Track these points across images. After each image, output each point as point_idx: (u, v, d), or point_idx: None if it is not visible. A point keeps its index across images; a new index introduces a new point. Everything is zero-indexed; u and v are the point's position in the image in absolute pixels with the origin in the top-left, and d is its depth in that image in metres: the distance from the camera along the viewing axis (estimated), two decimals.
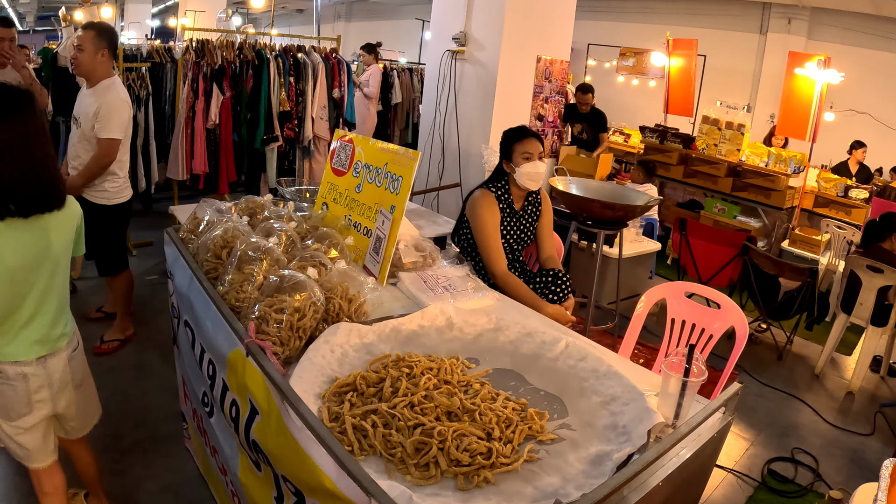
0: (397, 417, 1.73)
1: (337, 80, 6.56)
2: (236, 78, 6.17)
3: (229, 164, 6.20)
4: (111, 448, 3.66)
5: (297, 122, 6.39)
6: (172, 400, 3.99)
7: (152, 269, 6.37)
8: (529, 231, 3.99)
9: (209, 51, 6.08)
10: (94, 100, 4.16)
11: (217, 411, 2.45)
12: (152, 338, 5.00)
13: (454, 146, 6.35)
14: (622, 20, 14.60)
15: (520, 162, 3.76)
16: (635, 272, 6.20)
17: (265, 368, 1.83)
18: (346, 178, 3.08)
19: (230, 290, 2.26)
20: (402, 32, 20.47)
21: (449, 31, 6.32)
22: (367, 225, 2.88)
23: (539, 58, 6.26)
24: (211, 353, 2.34)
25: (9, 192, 2.15)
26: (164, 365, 4.57)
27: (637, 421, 1.77)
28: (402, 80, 10.17)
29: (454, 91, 6.36)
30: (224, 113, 6.04)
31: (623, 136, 11.19)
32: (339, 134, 3.21)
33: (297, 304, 2.04)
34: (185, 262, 2.66)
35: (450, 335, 2.36)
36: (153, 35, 19.75)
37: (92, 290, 5.89)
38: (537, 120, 6.51)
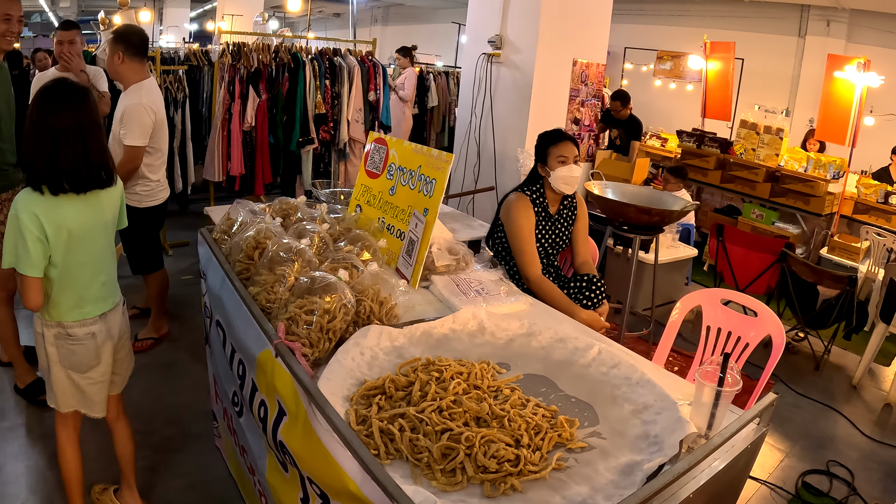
0: (425, 422, 1.72)
1: (373, 83, 6.57)
2: (272, 81, 6.21)
3: (265, 165, 6.23)
4: (142, 445, 3.66)
5: (333, 124, 6.40)
6: (204, 399, 4.01)
7: (188, 269, 6.42)
8: (564, 235, 3.97)
9: (245, 54, 6.12)
10: (122, 103, 4.23)
11: (246, 411, 2.45)
12: (186, 337, 5.05)
13: (490, 149, 6.34)
14: (659, 23, 14.49)
15: (555, 165, 3.74)
16: (671, 278, 6.14)
17: (293, 369, 1.82)
18: (379, 181, 3.08)
19: (261, 290, 2.26)
20: (438, 36, 20.48)
21: (485, 35, 6.31)
22: (400, 227, 2.87)
23: (575, 61, 6.23)
24: (241, 353, 2.34)
25: (66, 172, 2.44)
26: (196, 364, 4.59)
27: (669, 430, 1.73)
28: (439, 84, 10.17)
29: (490, 94, 6.34)
30: (260, 115, 6.07)
31: (660, 140, 11.10)
32: (374, 136, 3.21)
33: (328, 305, 2.03)
34: (217, 262, 2.66)
35: (481, 339, 2.35)
36: (191, 38, 19.93)
37: (128, 288, 5.89)
38: (573, 123, 6.47)
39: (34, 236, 2.41)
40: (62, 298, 2.60)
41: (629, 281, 4.74)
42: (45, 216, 2.43)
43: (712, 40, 10.75)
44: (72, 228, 2.52)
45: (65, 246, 2.52)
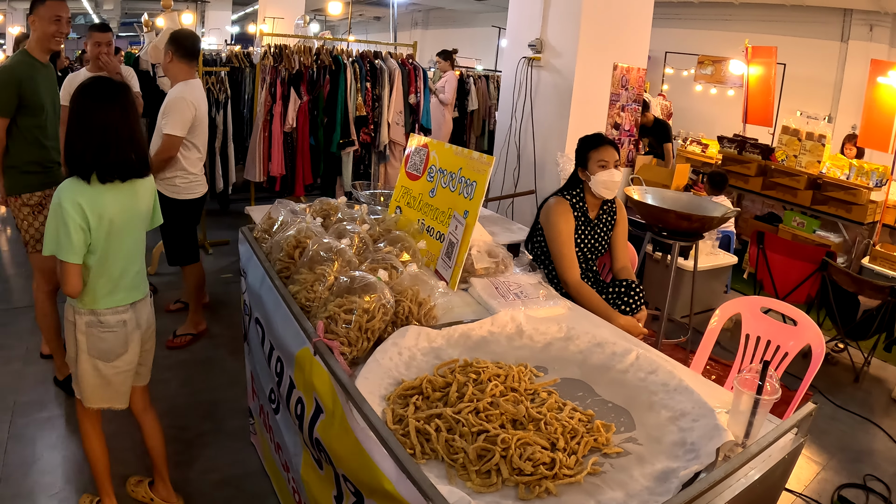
0: (461, 423, 1.72)
1: (413, 85, 6.59)
2: (313, 83, 6.24)
3: (305, 167, 6.27)
4: (177, 439, 3.74)
5: (374, 126, 6.42)
6: (240, 395, 4.05)
7: (227, 268, 6.49)
8: (604, 240, 3.96)
9: (287, 56, 6.17)
10: (167, 98, 4.43)
11: (283, 408, 2.47)
12: (224, 334, 5.11)
13: (529, 153, 6.32)
14: (700, 27, 14.36)
15: (595, 170, 3.73)
16: (710, 286, 6.09)
17: (331, 368, 1.84)
18: (420, 183, 3.09)
19: (301, 289, 2.28)
20: (478, 40, 20.49)
21: (525, 39, 6.30)
22: (439, 229, 2.88)
23: (615, 65, 6.20)
24: (279, 351, 2.36)
25: (115, 162, 2.61)
26: (233, 361, 4.64)
27: (706, 438, 1.72)
28: (479, 88, 10.16)
29: (530, 98, 6.33)
30: (301, 117, 6.11)
31: (701, 146, 11.01)
32: (415, 139, 3.22)
33: (367, 305, 2.05)
34: (257, 260, 2.69)
35: (519, 342, 2.35)
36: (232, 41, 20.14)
37: (169, 284, 6.05)
38: (613, 128, 6.44)
39: (76, 224, 2.53)
40: (98, 285, 2.70)
41: (667, 287, 4.72)
42: (88, 205, 2.55)
43: (754, 45, 10.65)
44: (113, 217, 2.64)
45: (105, 234, 2.64)
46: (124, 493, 3.22)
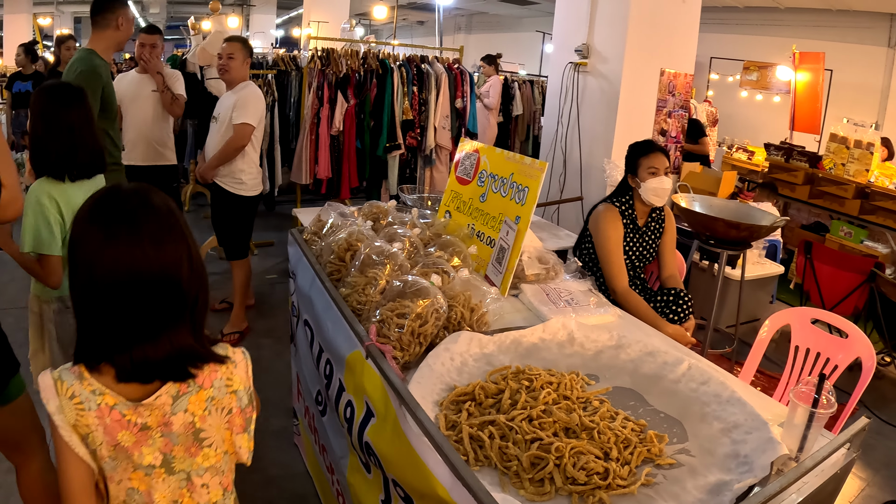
0: (515, 430, 1.71)
1: (460, 90, 6.59)
2: (360, 86, 6.26)
3: (352, 170, 6.30)
4: None
5: (420, 130, 6.43)
6: (284, 396, 4.08)
7: (272, 269, 6.54)
8: (652, 248, 3.93)
9: (334, 59, 6.20)
10: (234, 97, 4.58)
11: (330, 410, 2.48)
12: (268, 334, 5.14)
13: (576, 159, 6.30)
14: (746, 33, 14.19)
15: (645, 177, 3.71)
16: (756, 295, 6.02)
17: (385, 372, 1.83)
18: (470, 187, 3.08)
19: (352, 292, 2.28)
20: (522, 45, 20.45)
21: (571, 44, 6.28)
22: (490, 234, 2.87)
23: (663, 71, 6.16)
24: (329, 353, 2.37)
25: (82, 160, 2.74)
26: (277, 361, 4.67)
27: (760, 451, 1.70)
28: (524, 92, 10.14)
29: (577, 104, 6.31)
30: (348, 120, 6.14)
31: (747, 153, 10.89)
32: (465, 143, 3.22)
33: (420, 309, 2.05)
34: (307, 262, 2.70)
35: (570, 350, 2.33)
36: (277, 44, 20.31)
37: (213, 283, 6.07)
38: (660, 135, 6.40)
39: (55, 218, 2.66)
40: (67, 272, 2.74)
41: (713, 296, 4.67)
42: (61, 200, 2.68)
43: (801, 50, 10.51)
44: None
45: None
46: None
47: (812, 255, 6.02)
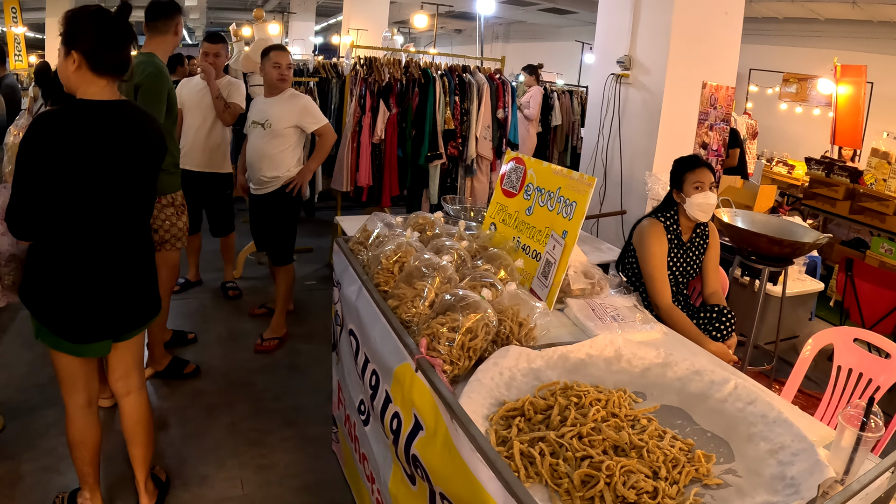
0: (565, 447, 1.70)
1: (501, 100, 6.57)
2: (402, 95, 6.27)
3: (393, 178, 6.30)
4: (259, 443, 3.81)
5: (462, 140, 6.42)
6: (323, 403, 4.11)
7: (310, 275, 6.57)
8: (695, 264, 3.90)
9: (377, 68, 6.21)
10: (288, 105, 4.72)
11: (374, 420, 2.47)
12: (307, 340, 5.17)
13: (616, 171, 6.26)
14: (786, 44, 14.08)
15: (690, 192, 3.69)
16: (795, 312, 5.96)
17: (436, 386, 1.83)
18: (516, 200, 3.07)
19: (400, 304, 2.28)
20: (560, 54, 20.41)
21: (613, 55, 6.25)
22: (536, 248, 2.86)
23: (704, 83, 6.10)
24: (375, 364, 2.36)
25: None
26: (316, 368, 4.69)
27: (807, 473, 1.67)
28: (563, 103, 10.08)
29: (618, 115, 6.28)
30: (390, 128, 6.15)
31: (787, 167, 10.78)
32: (511, 155, 3.21)
33: (470, 323, 2.03)
34: (354, 272, 2.70)
35: (617, 367, 2.31)
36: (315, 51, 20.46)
37: (253, 288, 6.17)
38: (701, 148, 6.34)
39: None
40: None
41: (752, 312, 4.62)
42: None
43: (842, 63, 10.39)
44: None
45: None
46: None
47: (853, 272, 5.95)
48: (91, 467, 2.99)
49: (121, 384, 3.00)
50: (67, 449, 3.51)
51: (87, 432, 2.91)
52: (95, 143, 2.49)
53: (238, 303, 5.86)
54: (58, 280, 2.60)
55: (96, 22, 2.49)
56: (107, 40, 2.51)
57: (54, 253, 2.58)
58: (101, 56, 2.51)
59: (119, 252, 2.69)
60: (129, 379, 3.01)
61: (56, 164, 2.41)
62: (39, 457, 3.57)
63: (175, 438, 3.78)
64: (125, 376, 2.99)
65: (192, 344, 4.94)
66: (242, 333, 5.21)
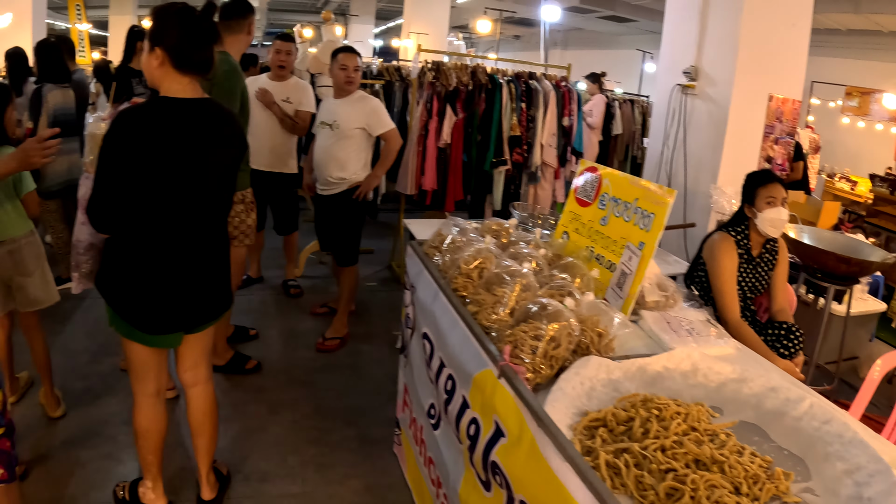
0: (649, 459, 1.69)
1: (567, 108, 6.54)
2: (469, 100, 6.25)
3: (457, 183, 6.28)
4: (320, 441, 3.84)
5: (527, 147, 6.39)
6: (384, 404, 4.14)
7: (371, 276, 6.61)
8: (764, 279, 3.86)
9: (444, 72, 6.21)
10: (356, 106, 4.77)
11: (445, 425, 2.48)
12: (367, 341, 5.20)
13: (680, 183, 6.20)
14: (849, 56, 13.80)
15: (762, 207, 3.65)
16: (856, 333, 5.85)
17: (522, 394, 1.83)
18: (590, 210, 3.06)
19: (480, 310, 2.28)
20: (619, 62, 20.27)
21: (679, 65, 6.20)
22: (610, 258, 2.85)
23: (771, 96, 6.02)
24: (452, 369, 2.37)
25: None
26: (377, 369, 4.72)
27: (884, 495, 1.65)
28: (624, 112, 10.00)
29: (683, 127, 6.23)
30: (456, 133, 6.13)
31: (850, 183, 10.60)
32: (586, 164, 3.20)
33: (553, 332, 2.03)
34: (429, 276, 2.72)
35: (693, 381, 2.29)
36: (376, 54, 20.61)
37: (314, 287, 6.23)
38: (766, 162, 6.26)
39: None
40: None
41: (814, 331, 4.57)
42: None
43: None
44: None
45: None
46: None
47: None
48: (155, 457, 3.03)
49: (189, 375, 3.05)
50: (128, 438, 3.62)
51: (154, 421, 2.95)
52: (177, 140, 2.52)
53: (299, 301, 5.92)
54: (135, 272, 2.64)
55: (181, 19, 2.52)
56: (191, 38, 2.53)
57: (133, 245, 2.62)
58: (185, 53, 2.53)
59: (196, 247, 2.73)
60: (198, 370, 3.06)
61: (138, 160, 2.45)
62: (100, 444, 3.64)
63: (236, 433, 3.82)
64: (194, 367, 3.04)
65: (254, 340, 5.00)
66: (304, 332, 5.26)
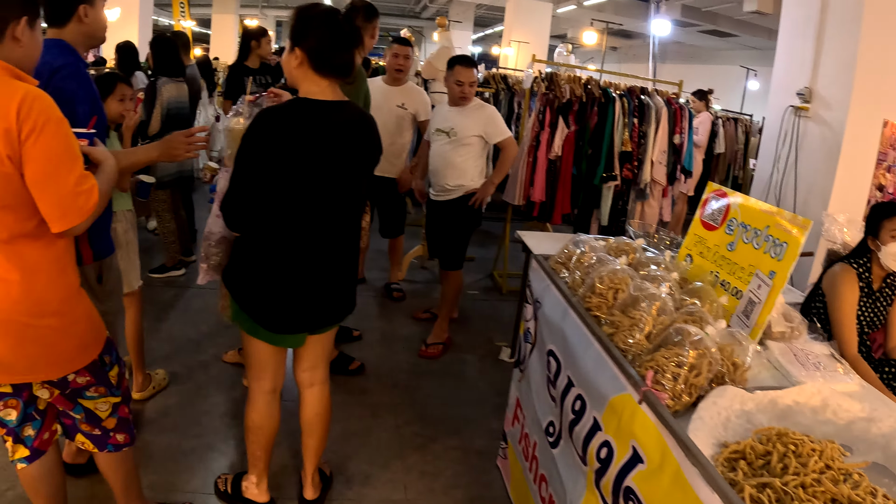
0: (790, 496, 1.68)
1: (679, 125, 6.45)
2: (581, 113, 6.21)
3: (565, 196, 6.24)
4: (424, 449, 3.85)
5: (637, 163, 6.32)
6: (487, 415, 4.14)
7: (472, 285, 6.61)
8: (882, 314, 3.75)
9: (558, 84, 6.19)
10: (473, 114, 4.81)
11: (566, 445, 2.49)
12: (470, 350, 5.19)
13: (789, 207, 6.03)
14: None
15: (887, 240, 3.55)
16: None
17: (668, 422, 1.84)
18: (717, 234, 3.02)
19: (616, 332, 2.28)
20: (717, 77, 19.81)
21: (793, 86, 6.07)
22: (736, 285, 2.81)
23: (886, 122, 5.84)
24: (583, 390, 2.37)
25: None
26: (481, 379, 4.73)
27: None
28: (727, 130, 9.83)
29: (795, 150, 6.10)
30: (567, 146, 6.10)
31: None
32: (714, 187, 3.16)
33: (694, 360, 2.02)
34: (557, 293, 2.72)
35: (823, 417, 2.25)
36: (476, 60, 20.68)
37: (417, 292, 6.31)
38: (877, 190, 6.09)
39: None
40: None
41: None
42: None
43: None
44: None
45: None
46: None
47: None
48: (264, 453, 3.09)
49: (306, 375, 3.09)
50: (229, 430, 3.71)
51: (267, 418, 3.01)
52: (313, 142, 2.54)
53: (401, 305, 5.97)
54: (265, 270, 2.68)
55: (323, 21, 2.53)
56: (331, 40, 2.54)
57: (265, 244, 2.67)
58: (324, 55, 2.54)
59: (328, 248, 2.76)
60: (316, 371, 3.10)
61: (275, 160, 2.48)
62: (203, 434, 3.74)
63: (339, 434, 3.84)
64: (312, 368, 3.08)
65: (357, 341, 5.05)
66: (406, 336, 5.31)
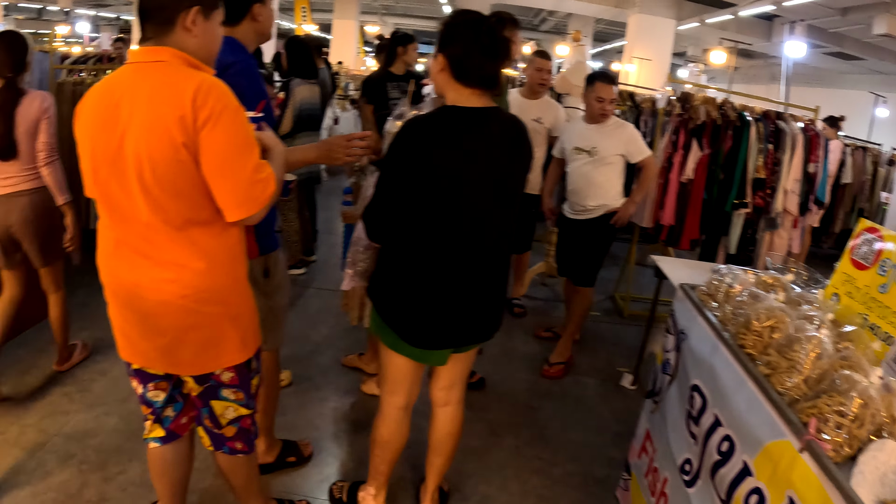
0: None
1: (814, 153, 6.23)
2: (715, 136, 6.06)
3: (694, 221, 6.08)
4: (543, 473, 3.82)
5: (770, 191, 6.12)
6: (608, 443, 4.10)
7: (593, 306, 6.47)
8: None
9: (693, 106, 6.06)
10: (615, 133, 4.81)
11: (704, 486, 2.43)
12: (592, 374, 5.10)
13: None
14: None
15: None
16: None
17: (834, 475, 1.77)
18: (867, 274, 2.89)
19: (774, 374, 2.20)
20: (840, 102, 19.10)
21: None
22: (887, 330, 2.67)
23: None
24: (732, 431, 2.30)
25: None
26: (602, 405, 4.65)
27: None
28: (855, 159, 9.44)
29: None
30: (699, 169, 5.95)
31: None
32: (865, 224, 3.04)
33: (857, 410, 1.93)
34: (705, 326, 2.66)
35: None
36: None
37: (537, 309, 6.29)
38: None
39: None
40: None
41: None
42: None
43: None
44: None
45: None
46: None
47: None
48: (388, 467, 3.08)
49: (442, 394, 3.05)
50: (346, 436, 3.75)
51: (396, 434, 2.99)
52: (462, 150, 2.48)
53: (522, 321, 5.93)
54: (413, 284, 2.62)
55: (468, 29, 2.46)
56: (474, 50, 2.46)
57: (412, 256, 2.60)
58: (465, 66, 2.47)
59: (479, 261, 2.65)
60: (452, 391, 3.06)
61: (419, 170, 2.43)
62: (321, 439, 3.79)
63: (459, 451, 3.71)
64: (449, 387, 3.04)
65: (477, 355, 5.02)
66: (527, 354, 5.27)
